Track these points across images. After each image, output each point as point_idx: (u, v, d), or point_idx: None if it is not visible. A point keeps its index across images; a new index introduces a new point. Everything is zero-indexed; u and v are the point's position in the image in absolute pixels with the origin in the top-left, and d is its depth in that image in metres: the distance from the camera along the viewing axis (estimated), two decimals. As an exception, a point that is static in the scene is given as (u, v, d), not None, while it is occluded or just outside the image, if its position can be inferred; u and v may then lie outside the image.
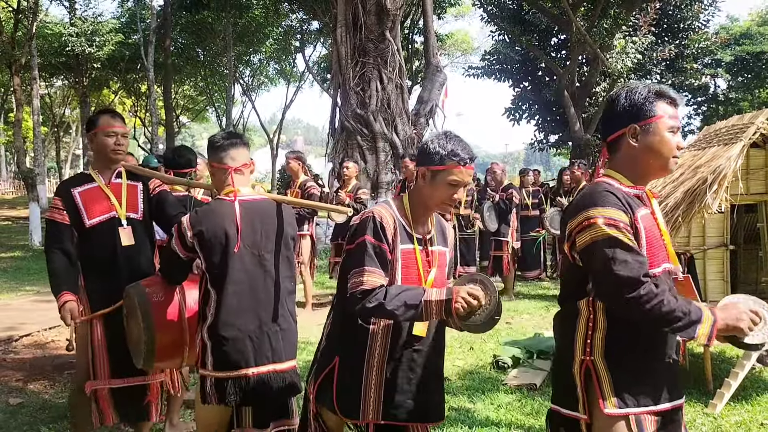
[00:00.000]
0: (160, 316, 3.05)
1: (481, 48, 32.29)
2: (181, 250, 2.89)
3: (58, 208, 3.37)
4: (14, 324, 7.06)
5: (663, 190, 5.18)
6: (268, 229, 2.94)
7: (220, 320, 2.81)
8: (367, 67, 12.96)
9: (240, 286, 2.84)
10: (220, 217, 2.86)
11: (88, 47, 24.32)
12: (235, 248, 2.82)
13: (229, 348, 2.81)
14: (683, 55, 21.98)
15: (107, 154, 3.42)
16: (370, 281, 2.34)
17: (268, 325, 2.89)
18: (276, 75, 34.97)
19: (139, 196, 3.51)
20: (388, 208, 2.50)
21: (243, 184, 2.98)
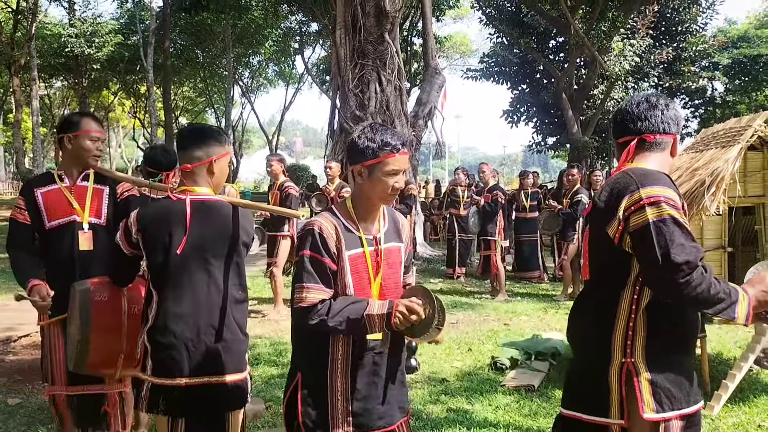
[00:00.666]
0: (99, 316, 2.91)
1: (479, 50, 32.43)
2: (125, 246, 2.76)
3: (20, 208, 3.32)
4: (12, 324, 7.05)
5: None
6: (218, 232, 2.77)
7: (158, 324, 2.67)
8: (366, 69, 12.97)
9: (180, 291, 2.68)
10: (168, 214, 2.71)
11: (88, 48, 24.33)
12: (178, 249, 2.66)
13: (165, 354, 2.66)
14: (681, 57, 22.06)
15: (86, 158, 3.35)
16: (308, 298, 2.30)
17: (207, 335, 2.70)
18: (275, 76, 35.05)
19: (104, 201, 3.42)
20: (330, 216, 2.43)
21: (200, 183, 2.79)
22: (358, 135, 2.41)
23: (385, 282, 2.46)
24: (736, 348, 6.22)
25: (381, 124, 2.45)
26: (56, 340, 3.30)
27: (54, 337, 3.30)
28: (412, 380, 5.40)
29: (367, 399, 2.41)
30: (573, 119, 18.55)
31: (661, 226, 1.99)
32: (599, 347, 2.15)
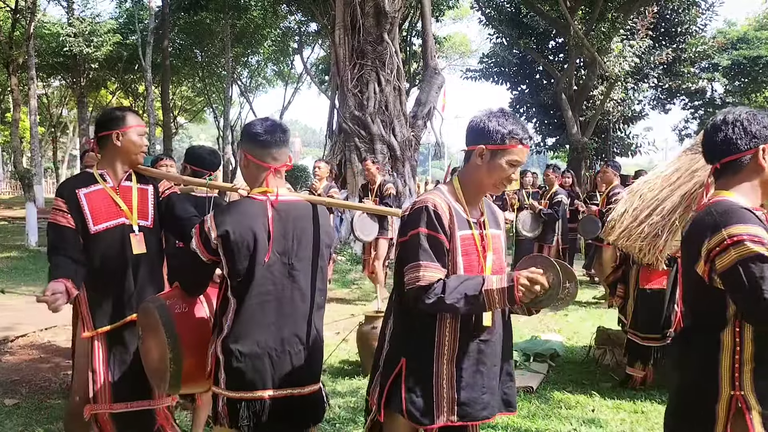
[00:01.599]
0: (186, 331, 2.68)
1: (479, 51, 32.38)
2: (203, 253, 2.53)
3: (61, 211, 3.03)
4: (10, 324, 7.04)
5: (660, 194, 5.17)
6: (301, 235, 2.60)
7: (238, 333, 2.49)
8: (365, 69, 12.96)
9: (265, 297, 2.51)
10: (250, 218, 2.51)
11: (86, 47, 24.24)
12: (266, 257, 2.49)
13: (245, 365, 2.48)
14: (680, 59, 22.05)
15: (135, 155, 3.16)
16: (427, 276, 2.22)
17: (291, 344, 2.55)
18: (274, 76, 34.98)
19: (150, 201, 3.22)
20: (441, 194, 2.38)
21: (279, 184, 2.65)
22: (487, 116, 2.36)
23: (493, 267, 2.42)
24: None
25: (512, 113, 2.40)
26: (100, 354, 3.04)
27: (98, 350, 3.04)
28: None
29: (471, 387, 2.35)
30: (572, 120, 18.54)
31: (748, 266, 1.93)
32: (701, 379, 2.08)
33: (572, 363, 6.02)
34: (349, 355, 6.16)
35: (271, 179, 2.60)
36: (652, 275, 5.08)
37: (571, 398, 4.99)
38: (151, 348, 2.77)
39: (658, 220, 4.93)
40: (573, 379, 5.49)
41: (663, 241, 4.79)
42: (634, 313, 5.23)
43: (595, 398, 4.98)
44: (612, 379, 5.44)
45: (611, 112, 20.79)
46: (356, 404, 4.79)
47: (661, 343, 5.02)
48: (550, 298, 2.24)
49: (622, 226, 5.24)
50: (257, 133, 2.59)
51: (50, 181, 39.00)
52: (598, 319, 7.54)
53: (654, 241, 4.79)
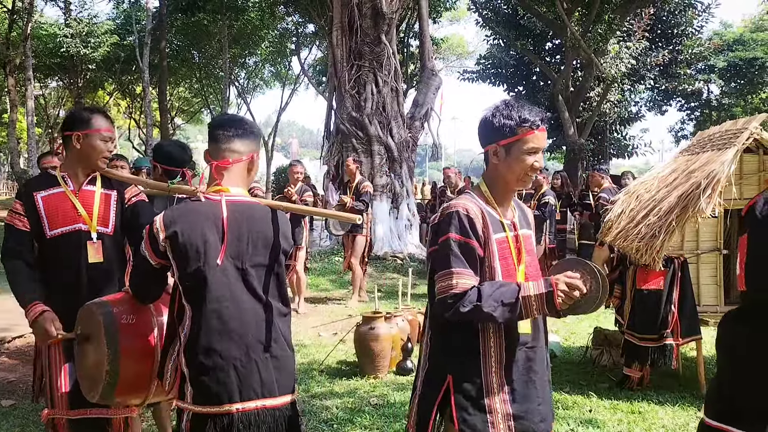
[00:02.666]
0: (129, 342, 2.54)
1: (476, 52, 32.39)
2: (152, 256, 2.38)
3: (18, 213, 2.95)
4: (7, 326, 7.01)
5: (657, 195, 5.19)
6: (256, 238, 2.43)
7: (199, 345, 2.32)
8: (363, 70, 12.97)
9: (221, 304, 2.34)
10: (201, 218, 2.36)
11: (83, 48, 24.23)
12: (219, 259, 2.34)
13: (210, 379, 2.32)
14: (677, 60, 22.10)
15: (96, 160, 3.01)
16: (460, 284, 2.12)
17: (256, 352, 2.38)
18: (271, 77, 34.97)
19: (113, 208, 3.08)
20: (471, 198, 2.27)
21: (235, 182, 2.48)
22: (492, 113, 2.28)
23: (528, 269, 2.33)
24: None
25: (516, 100, 2.29)
26: (56, 359, 2.96)
27: (55, 356, 2.96)
28: (408, 382, 5.38)
29: (526, 399, 2.24)
30: (569, 121, 18.57)
31: None
32: None
33: (569, 363, 6.02)
34: (347, 356, 6.16)
35: (225, 176, 2.45)
36: (649, 276, 5.09)
37: (569, 399, 4.99)
38: (87, 352, 2.65)
39: (655, 220, 4.94)
40: (570, 380, 5.49)
41: (660, 241, 4.80)
42: (631, 314, 5.24)
43: (593, 399, 4.98)
44: (609, 380, 5.45)
45: (608, 114, 20.82)
46: (354, 405, 4.80)
47: (658, 343, 5.03)
48: (588, 303, 2.17)
49: (619, 226, 5.25)
50: (211, 127, 2.51)
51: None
52: (595, 319, 7.55)
53: (651, 241, 4.80)
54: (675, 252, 5.05)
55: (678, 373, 5.43)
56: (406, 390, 5.15)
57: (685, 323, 5.01)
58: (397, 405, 4.79)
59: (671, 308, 5.01)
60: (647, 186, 5.39)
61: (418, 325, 6.54)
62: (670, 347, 5.00)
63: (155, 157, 4.19)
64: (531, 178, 2.30)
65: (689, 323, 5.04)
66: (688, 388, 5.14)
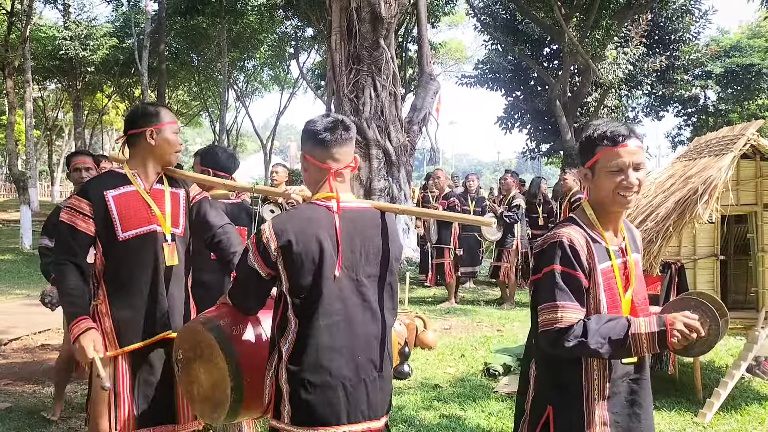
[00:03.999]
0: (246, 354, 2.37)
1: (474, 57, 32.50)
2: (262, 267, 2.21)
3: (83, 214, 2.71)
4: (4, 328, 7.02)
5: (654, 200, 5.22)
6: (369, 247, 2.29)
7: (305, 359, 2.17)
8: (361, 74, 12.97)
9: (334, 319, 2.19)
10: (315, 225, 2.20)
11: (82, 51, 24.27)
12: (336, 270, 2.19)
13: (316, 398, 2.16)
14: (674, 66, 22.17)
15: (171, 154, 2.86)
16: (565, 318, 2.03)
17: (366, 371, 2.24)
18: (270, 81, 35.03)
19: (181, 207, 2.92)
20: (575, 226, 2.16)
21: (343, 189, 2.33)
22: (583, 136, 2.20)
23: (636, 297, 2.22)
24: (728, 356, 6.24)
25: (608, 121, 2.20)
26: (125, 375, 2.73)
27: (122, 370, 2.73)
28: (405, 386, 5.39)
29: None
30: (566, 126, 18.60)
31: None
32: None
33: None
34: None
35: (334, 183, 2.29)
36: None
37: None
38: (199, 375, 2.45)
39: (652, 226, 4.96)
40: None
41: (657, 247, 4.82)
42: (627, 319, 5.24)
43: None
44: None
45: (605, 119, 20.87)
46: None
47: (655, 349, 5.03)
48: (704, 344, 2.08)
49: (616, 232, 5.28)
50: (315, 131, 2.30)
51: (45, 185, 38.87)
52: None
53: (648, 247, 4.82)
54: (672, 257, 5.05)
55: (675, 379, 5.44)
56: (403, 394, 5.16)
57: None
58: (394, 409, 4.79)
59: (668, 313, 5.01)
60: (644, 191, 5.41)
61: (415, 329, 6.56)
62: (667, 353, 5.01)
63: (203, 162, 3.98)
64: (627, 199, 2.13)
65: (686, 329, 5.04)
66: (684, 394, 5.15)
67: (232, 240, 2.97)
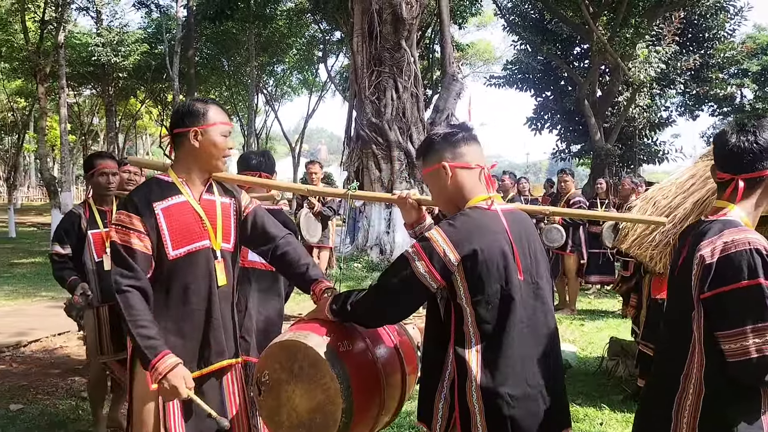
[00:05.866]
0: (357, 372, 2.20)
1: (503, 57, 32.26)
2: (436, 279, 2.02)
3: (135, 230, 2.37)
4: (25, 329, 7.12)
5: (673, 201, 5.04)
6: (535, 249, 2.20)
7: (499, 372, 2.01)
8: (383, 76, 12.95)
9: (521, 327, 2.06)
10: (492, 231, 2.08)
11: (114, 57, 24.72)
12: (519, 273, 2.07)
13: (519, 412, 2.00)
14: (708, 64, 21.71)
15: (217, 159, 2.54)
16: None
17: (557, 378, 2.13)
18: (299, 85, 35.28)
19: (233, 219, 2.61)
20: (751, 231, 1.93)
21: (492, 190, 2.22)
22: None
23: None
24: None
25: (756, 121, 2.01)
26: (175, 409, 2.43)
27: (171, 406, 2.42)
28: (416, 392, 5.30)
29: None
30: (596, 126, 18.31)
31: None
32: None
33: (584, 374, 5.88)
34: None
35: (479, 184, 2.18)
36: (663, 284, 4.93)
37: (580, 411, 4.86)
38: (293, 398, 2.21)
39: (670, 227, 4.78)
40: (583, 391, 5.35)
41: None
42: (645, 324, 5.09)
43: (605, 411, 4.84)
44: (624, 392, 5.30)
45: (636, 119, 20.50)
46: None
47: (673, 355, 4.86)
48: None
49: (635, 234, 5.11)
50: (451, 133, 2.20)
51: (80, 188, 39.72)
52: (615, 329, 7.37)
53: (665, 249, 4.66)
54: (691, 260, 4.88)
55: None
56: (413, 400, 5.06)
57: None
58: (402, 415, 4.70)
59: (687, 318, 4.84)
60: (665, 192, 5.22)
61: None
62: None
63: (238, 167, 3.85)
64: None
65: (706, 334, 4.86)
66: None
67: (299, 251, 2.68)
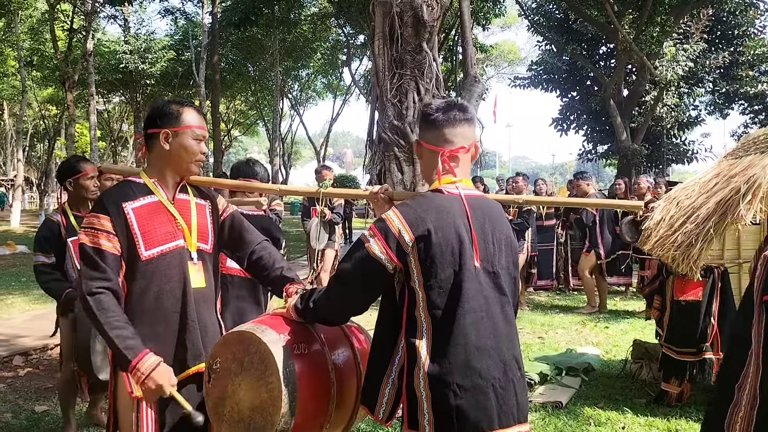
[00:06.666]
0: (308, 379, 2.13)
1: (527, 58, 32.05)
2: (392, 259, 1.99)
3: (103, 231, 2.30)
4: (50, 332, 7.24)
5: (696, 201, 4.95)
6: (500, 237, 2.13)
7: (454, 362, 1.99)
8: (404, 78, 12.90)
9: (478, 315, 2.02)
10: (449, 213, 2.03)
11: (141, 64, 25.11)
12: (475, 260, 2.03)
13: (466, 402, 1.98)
14: (738, 62, 21.31)
15: (189, 163, 2.47)
16: None
17: (513, 370, 2.09)
18: (323, 89, 35.47)
19: (209, 220, 2.56)
20: None
21: (465, 173, 2.17)
22: None
23: None
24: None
25: None
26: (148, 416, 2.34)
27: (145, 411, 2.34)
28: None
29: None
30: (621, 126, 18.07)
31: None
32: None
33: (607, 377, 5.79)
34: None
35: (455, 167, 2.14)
36: (687, 286, 4.84)
37: (602, 414, 4.79)
38: (237, 391, 2.14)
39: (692, 228, 4.68)
40: (606, 395, 5.27)
41: (697, 250, 4.54)
42: (668, 326, 5.00)
43: (627, 415, 4.77)
44: (647, 395, 5.20)
45: (664, 118, 20.19)
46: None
47: (697, 357, 4.76)
48: None
49: (658, 234, 5.03)
50: (427, 113, 2.16)
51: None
52: (640, 331, 7.25)
53: (688, 250, 4.57)
54: (715, 261, 4.79)
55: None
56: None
57: (725, 336, 4.74)
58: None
59: (711, 320, 4.74)
60: (688, 192, 5.12)
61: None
62: (710, 362, 4.74)
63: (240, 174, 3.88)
64: None
65: (731, 336, 4.77)
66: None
67: (274, 256, 2.63)
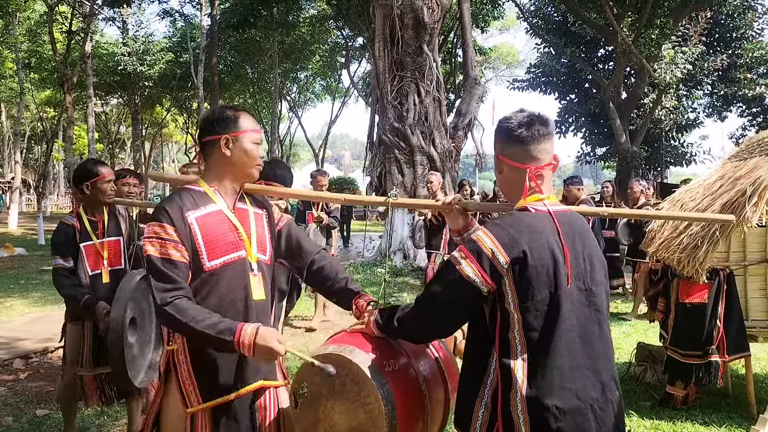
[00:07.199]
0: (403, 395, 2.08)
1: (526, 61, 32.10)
2: (487, 282, 1.93)
3: (173, 241, 2.21)
4: (53, 335, 7.18)
5: (701, 203, 4.94)
6: (590, 254, 2.08)
7: (552, 384, 1.91)
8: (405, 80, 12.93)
9: (571, 335, 1.96)
10: (542, 233, 1.98)
11: (140, 66, 25.07)
12: (569, 279, 1.97)
13: (566, 425, 1.91)
14: (736, 64, 21.36)
15: (251, 168, 2.40)
16: None
17: (611, 390, 2.01)
18: (322, 91, 35.46)
19: (266, 230, 2.49)
20: None
21: (549, 189, 2.12)
22: None
23: None
24: (787, 368, 5.86)
25: None
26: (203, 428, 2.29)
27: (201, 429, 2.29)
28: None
29: None
30: (621, 129, 18.08)
31: None
32: None
33: (611, 380, 5.77)
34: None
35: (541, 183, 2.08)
36: (692, 288, 4.83)
37: (607, 417, 4.76)
38: (331, 415, 2.10)
39: (698, 230, 4.68)
40: (610, 397, 5.25)
41: (703, 252, 4.54)
42: (674, 329, 4.98)
43: (633, 418, 4.74)
44: (652, 398, 5.19)
45: (663, 121, 20.22)
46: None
47: (703, 360, 4.74)
48: None
49: (662, 236, 5.01)
50: (509, 128, 2.09)
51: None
52: (643, 334, 7.24)
53: (693, 252, 4.56)
54: (720, 263, 4.77)
55: (727, 392, 5.13)
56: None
57: (731, 339, 4.72)
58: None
59: (716, 323, 4.72)
60: (692, 194, 5.14)
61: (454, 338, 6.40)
62: (716, 365, 4.72)
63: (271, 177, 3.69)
64: None
65: (736, 339, 4.74)
66: (737, 408, 4.84)
67: (336, 266, 2.58)
